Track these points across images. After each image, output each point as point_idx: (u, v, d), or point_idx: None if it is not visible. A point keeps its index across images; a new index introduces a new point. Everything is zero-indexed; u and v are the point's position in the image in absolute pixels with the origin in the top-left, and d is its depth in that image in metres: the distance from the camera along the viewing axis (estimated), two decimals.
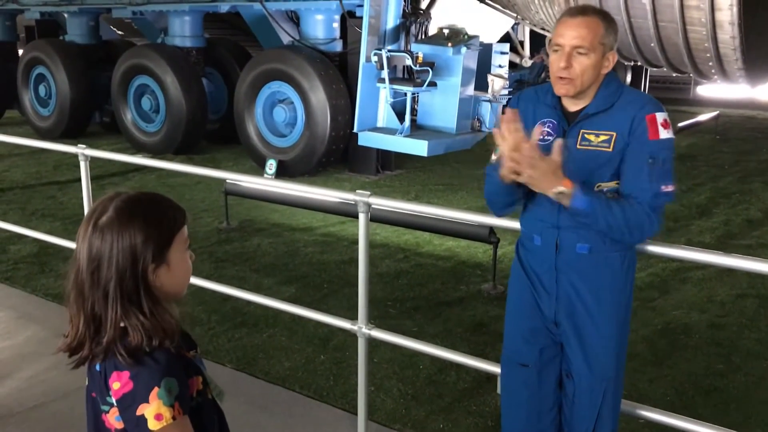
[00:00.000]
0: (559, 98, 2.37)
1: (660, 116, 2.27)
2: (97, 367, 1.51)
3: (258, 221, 7.18)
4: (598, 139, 2.28)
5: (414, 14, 8.74)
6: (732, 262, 2.52)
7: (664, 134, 2.26)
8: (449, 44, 8.04)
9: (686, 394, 3.92)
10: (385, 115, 8.30)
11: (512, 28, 11.04)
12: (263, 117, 9.42)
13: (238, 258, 6.14)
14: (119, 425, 1.49)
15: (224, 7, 10.02)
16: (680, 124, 11.85)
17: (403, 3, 8.52)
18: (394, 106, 8.19)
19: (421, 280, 5.60)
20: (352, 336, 4.42)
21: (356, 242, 6.53)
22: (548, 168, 2.15)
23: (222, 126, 11.19)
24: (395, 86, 8.00)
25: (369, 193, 3.13)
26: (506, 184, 2.30)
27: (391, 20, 8.37)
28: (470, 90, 8.32)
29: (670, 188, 2.25)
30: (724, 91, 16.03)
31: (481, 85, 8.59)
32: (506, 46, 9.41)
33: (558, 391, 2.49)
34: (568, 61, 2.24)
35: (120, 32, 15.37)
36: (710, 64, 7.51)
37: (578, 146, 2.30)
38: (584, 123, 2.31)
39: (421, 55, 7.89)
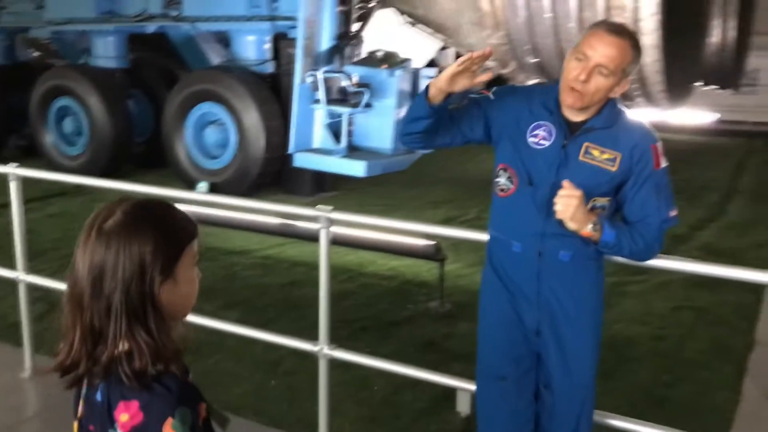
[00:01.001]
0: (559, 105, 2.34)
1: (659, 145, 2.33)
2: (98, 397, 1.35)
3: None
4: (602, 155, 2.29)
5: (348, 36, 8.75)
6: (685, 267, 2.59)
7: (664, 162, 2.33)
8: (384, 66, 8.07)
9: (638, 405, 3.98)
10: (320, 136, 8.24)
11: (438, 53, 11.21)
12: (193, 138, 9.20)
13: None
14: None
15: (151, 28, 9.76)
16: None
17: (336, 25, 8.52)
18: (329, 127, 8.14)
19: (367, 300, 5.53)
20: (303, 359, 4.32)
21: (297, 264, 6.44)
22: (583, 212, 2.20)
23: (148, 149, 10.85)
24: (331, 107, 7.96)
25: (331, 207, 3.05)
26: (435, 105, 2.28)
27: (326, 42, 8.35)
28: (405, 111, 8.34)
29: (674, 213, 2.33)
30: (638, 114, 16.71)
31: None
32: (434, 71, 9.52)
33: (534, 403, 2.47)
34: (588, 76, 2.20)
35: (36, 53, 14.76)
36: (634, 86, 7.82)
37: (581, 158, 2.29)
38: (589, 136, 2.31)
39: (356, 77, 7.90)
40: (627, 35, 2.25)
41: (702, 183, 10.59)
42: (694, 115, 16.53)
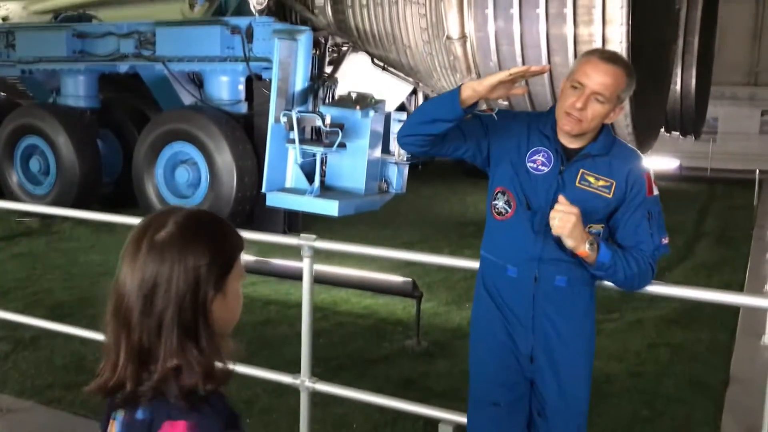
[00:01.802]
0: (556, 131, 2.35)
1: (651, 174, 2.36)
2: (139, 415, 1.26)
3: None
4: (597, 182, 2.31)
5: (321, 78, 8.83)
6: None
7: (656, 190, 2.36)
8: (357, 107, 8.14)
9: None
10: (294, 175, 8.22)
11: (408, 97, 11.35)
12: (164, 178, 9.10)
13: None
14: None
15: (123, 68, 9.72)
16: None
17: (310, 67, 8.59)
18: (302, 167, 8.14)
19: (342, 338, 5.45)
20: (279, 396, 4.22)
21: (271, 303, 6.34)
22: (580, 224, 2.19)
23: (116, 189, 10.71)
24: (305, 147, 7.97)
25: (314, 236, 3.02)
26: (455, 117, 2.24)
27: (300, 83, 8.40)
28: (378, 152, 8.41)
29: (666, 240, 2.33)
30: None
31: (385, 149, 8.72)
32: (404, 115, 9.62)
33: (527, 431, 2.43)
34: (584, 104, 2.22)
35: (2, 93, 14.60)
36: None
37: (577, 184, 2.31)
38: (585, 163, 2.33)
39: (329, 117, 7.94)
40: (621, 62, 2.28)
41: (669, 226, 10.61)
42: (658, 161, 16.92)
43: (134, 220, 4.14)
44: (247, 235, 4.46)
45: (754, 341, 5.53)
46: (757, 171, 14.27)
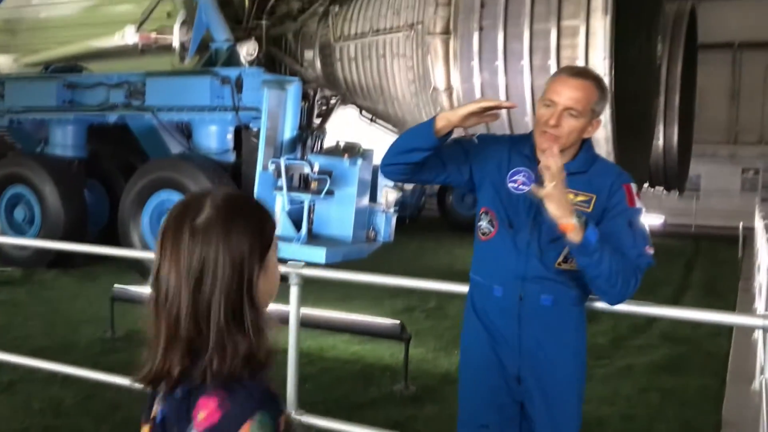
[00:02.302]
0: (535, 151, 2.37)
1: (633, 187, 2.36)
2: (177, 393, 1.26)
3: (146, 331, 6.68)
4: (577, 198, 2.30)
5: (310, 128, 8.92)
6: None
7: (638, 203, 2.35)
8: (345, 156, 8.19)
9: None
10: (281, 222, 8.20)
11: None
12: (150, 226, 9.06)
13: (125, 367, 5.62)
14: None
15: (112, 118, 9.78)
16: None
17: (299, 117, 8.68)
18: (290, 214, 8.12)
19: (329, 384, 5.35)
20: None
21: None
22: (568, 198, 2.15)
23: (102, 239, 10.61)
24: (293, 194, 7.98)
25: (303, 263, 2.99)
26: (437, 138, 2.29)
27: (288, 132, 8.47)
28: (365, 200, 8.43)
29: (651, 250, 2.29)
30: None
31: (373, 198, 8.74)
32: None
33: None
34: (558, 120, 2.25)
35: None
36: None
37: None
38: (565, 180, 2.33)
39: (318, 165, 7.98)
40: (589, 76, 2.33)
41: (655, 279, 10.77)
42: (643, 217, 17.06)
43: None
44: None
45: (744, 387, 5.48)
46: (741, 227, 14.43)
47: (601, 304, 2.52)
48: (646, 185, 14.00)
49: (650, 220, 17.89)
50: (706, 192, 21.32)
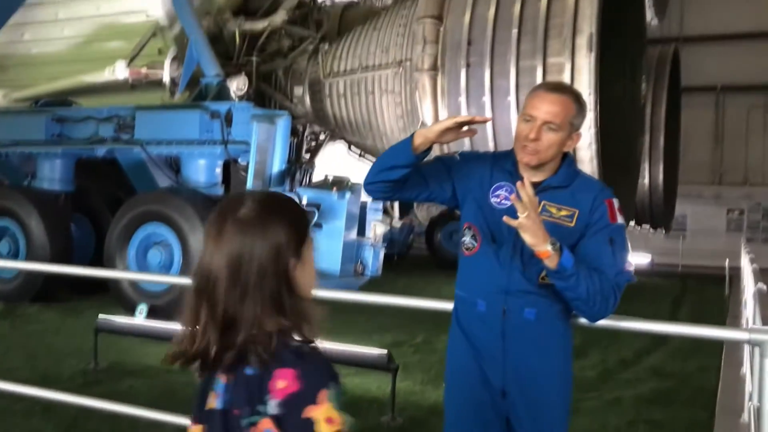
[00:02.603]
0: (517, 166, 2.40)
1: (615, 202, 2.38)
2: (248, 371, 1.38)
3: (129, 363, 6.59)
4: (559, 212, 2.33)
5: (299, 162, 8.97)
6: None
7: (620, 219, 2.37)
8: (334, 189, 8.22)
9: None
10: None
11: None
12: (136, 260, 9.00)
13: (108, 399, 5.53)
14: None
15: (101, 151, 9.79)
16: None
17: (287, 151, 8.73)
18: None
19: None
20: None
21: None
22: (542, 226, 2.19)
23: None
24: None
25: None
26: (415, 155, 2.33)
27: (277, 165, 8.51)
28: (353, 234, 8.43)
29: (631, 268, 2.32)
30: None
31: (361, 232, 8.75)
32: (380, 205, 9.73)
33: None
34: (537, 134, 2.29)
35: None
36: None
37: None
38: (546, 195, 2.36)
39: (306, 198, 8.00)
40: (566, 90, 2.39)
41: (644, 315, 10.71)
42: (631, 256, 17.16)
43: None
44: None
45: (733, 419, 5.45)
46: (727, 266, 14.50)
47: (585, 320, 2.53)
48: (632, 223, 14.12)
49: (637, 259, 17.97)
50: (692, 232, 21.48)
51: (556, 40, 7.70)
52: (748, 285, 9.23)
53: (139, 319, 7.28)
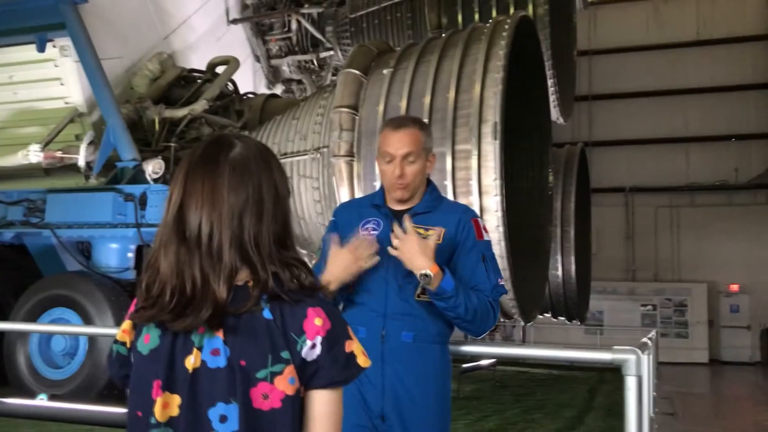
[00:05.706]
0: (385, 200, 2.56)
1: (480, 221, 2.55)
2: (266, 314, 1.31)
3: None
4: (427, 232, 2.47)
5: None
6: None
7: (486, 236, 2.53)
8: None
9: None
10: None
11: None
12: (38, 347, 8.60)
13: None
14: (290, 389, 1.24)
15: (8, 235, 9.49)
16: (464, 366, 12.48)
17: None
18: None
19: None
20: None
21: None
22: (424, 249, 2.29)
23: None
24: None
25: None
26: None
27: None
28: None
29: (503, 282, 2.45)
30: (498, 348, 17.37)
31: None
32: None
33: None
34: (401, 170, 2.47)
35: None
36: None
37: None
38: (414, 219, 2.50)
39: None
40: (410, 122, 2.59)
41: (560, 402, 10.90)
42: (548, 351, 17.40)
43: None
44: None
45: None
46: None
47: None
48: (548, 314, 14.42)
49: (556, 353, 18.22)
50: (609, 327, 22.05)
51: (463, 128, 8.08)
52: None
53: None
